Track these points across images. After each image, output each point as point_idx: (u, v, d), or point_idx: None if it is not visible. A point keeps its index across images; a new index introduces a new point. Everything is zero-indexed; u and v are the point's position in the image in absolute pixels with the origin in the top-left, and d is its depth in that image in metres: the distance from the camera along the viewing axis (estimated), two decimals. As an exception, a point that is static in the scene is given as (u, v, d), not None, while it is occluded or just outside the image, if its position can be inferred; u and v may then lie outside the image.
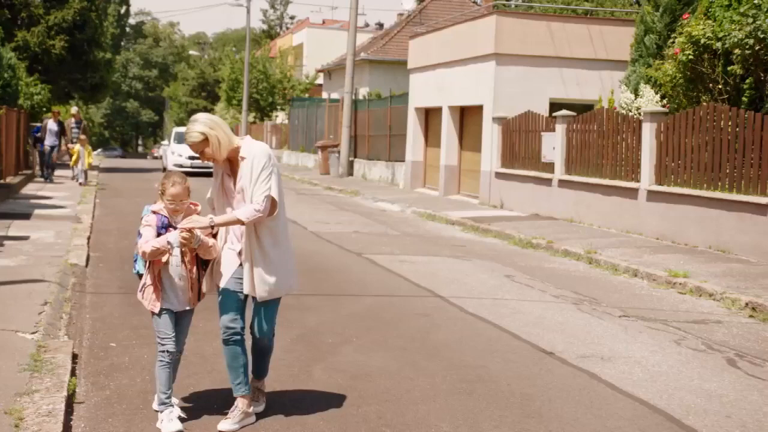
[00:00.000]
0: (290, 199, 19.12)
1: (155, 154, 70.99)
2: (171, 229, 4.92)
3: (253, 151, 4.91)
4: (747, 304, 9.03)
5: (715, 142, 12.70)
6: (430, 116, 24.51)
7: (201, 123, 4.88)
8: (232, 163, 5.00)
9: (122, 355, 6.47)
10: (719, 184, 12.63)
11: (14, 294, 7.92)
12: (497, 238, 14.56)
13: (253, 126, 49.96)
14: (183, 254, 4.94)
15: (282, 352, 6.44)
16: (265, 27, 78.31)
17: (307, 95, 46.76)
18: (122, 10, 71.41)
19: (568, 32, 19.78)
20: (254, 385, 5.24)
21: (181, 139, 28.49)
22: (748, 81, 13.36)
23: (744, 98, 13.46)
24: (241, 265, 4.99)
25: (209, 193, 5.13)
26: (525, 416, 5.36)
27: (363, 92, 34.52)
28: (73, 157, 23.14)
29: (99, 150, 65.62)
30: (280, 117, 51.08)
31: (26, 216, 14.20)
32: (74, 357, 6.12)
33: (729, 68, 13.37)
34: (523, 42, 19.60)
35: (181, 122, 71.12)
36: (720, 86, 13.73)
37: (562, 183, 16.69)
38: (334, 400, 5.53)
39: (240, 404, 5.04)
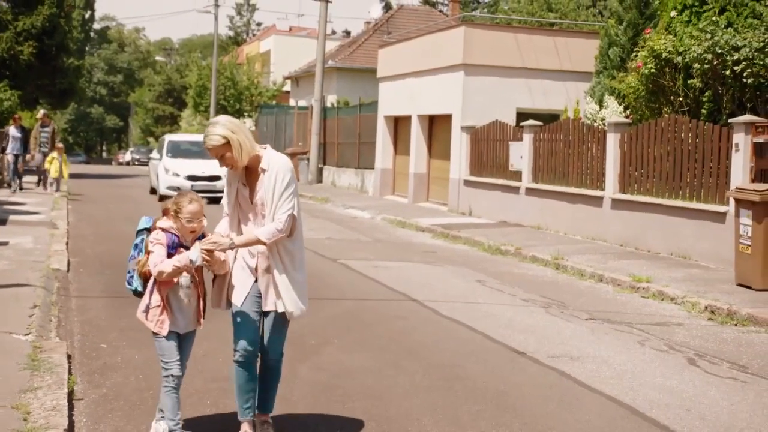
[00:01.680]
0: (262, 206, 19.43)
1: (120, 160, 70.65)
2: (181, 249, 4.66)
3: (277, 164, 4.69)
4: (706, 307, 9.49)
5: (677, 153, 13.21)
6: (399, 124, 24.91)
7: (221, 126, 4.62)
8: (249, 172, 4.75)
9: (114, 356, 6.74)
10: (680, 192, 13.13)
11: (2, 297, 8.12)
12: (467, 245, 14.95)
13: (221, 132, 49.92)
14: (194, 274, 4.70)
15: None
16: (231, 34, 78.31)
17: (274, 102, 46.97)
18: (87, 15, 70.98)
19: (535, 44, 20.30)
20: (260, 419, 4.99)
21: (176, 151, 22.95)
22: (707, 94, 13.90)
23: (703, 110, 14.00)
24: (256, 281, 4.79)
25: (223, 200, 4.91)
26: (501, 411, 5.72)
27: (331, 100, 34.82)
28: (52, 167, 21.65)
29: (63, 155, 65.02)
30: (248, 124, 51.19)
31: (2, 222, 14.31)
32: (68, 357, 6.36)
33: (689, 81, 13.89)
34: (491, 53, 20.07)
35: (147, 128, 70.89)
36: (681, 99, 14.25)
37: (530, 191, 17.15)
38: (321, 397, 5.85)
39: (246, 428, 4.91)
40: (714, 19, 13.57)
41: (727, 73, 12.93)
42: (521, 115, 19.57)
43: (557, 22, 30.42)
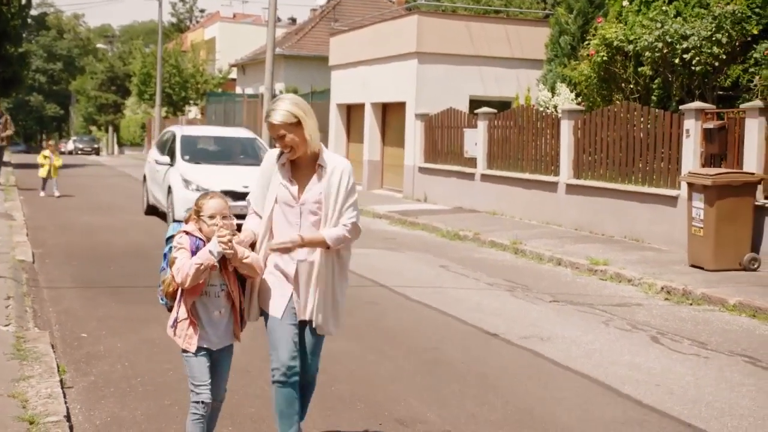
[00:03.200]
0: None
1: (62, 150, 69.41)
2: None
3: (342, 163, 4.21)
4: (662, 288, 9.86)
5: (629, 139, 13.58)
6: (352, 112, 25.03)
7: (292, 103, 4.12)
8: (297, 167, 4.23)
9: (96, 345, 6.80)
10: (633, 177, 13.52)
11: (-27, 289, 8.09)
12: (425, 231, 15.17)
13: (167, 121, 49.45)
14: (224, 277, 4.13)
15: (250, 340, 6.84)
16: (174, 20, 77.28)
17: (220, 90, 46.66)
18: (23, 1, 69.52)
19: (487, 32, 20.59)
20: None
21: (194, 152, 15.33)
22: (656, 81, 14.34)
23: (653, 97, 14.45)
24: (295, 290, 4.24)
25: (251, 195, 4.38)
26: (483, 390, 5.94)
27: (279, 87, 34.71)
28: (44, 168, 19.68)
29: None
30: (193, 112, 50.77)
31: (-44, 213, 14.12)
32: (52, 347, 6.40)
33: (639, 69, 14.31)
34: (444, 41, 20.31)
35: (89, 117, 69.72)
36: (631, 86, 14.67)
37: (485, 177, 17.44)
38: (307, 380, 6.00)
39: None
40: (663, 8, 13.96)
41: (677, 61, 13.33)
42: (474, 103, 19.86)
43: (503, 9, 30.75)
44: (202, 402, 4.12)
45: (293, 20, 57.59)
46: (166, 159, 15.09)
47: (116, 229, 14.00)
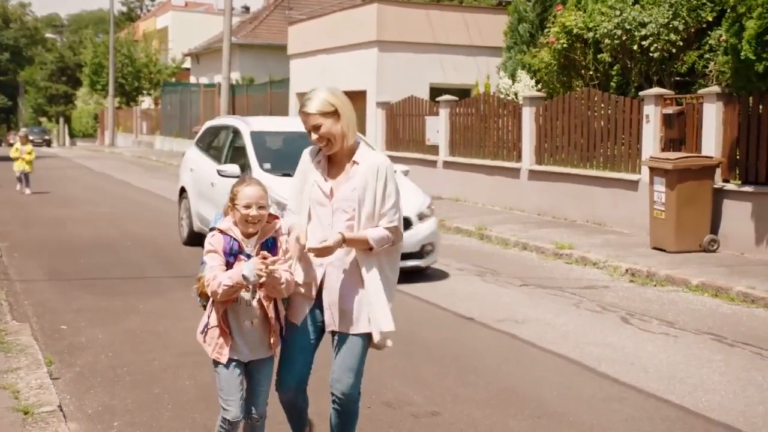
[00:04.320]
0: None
1: (11, 141, 68.14)
2: (241, 257, 3.75)
3: (377, 160, 3.87)
4: (627, 270, 10.11)
5: (590, 124, 13.83)
6: (311, 101, 25.02)
7: (329, 92, 3.83)
8: (333, 164, 3.93)
9: (77, 336, 6.81)
10: (594, 162, 13.77)
11: (-55, 284, 8.03)
12: (390, 218, 15.27)
13: (120, 111, 48.90)
14: (256, 288, 3.78)
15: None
16: (124, 9, 76.34)
17: (174, 79, 46.24)
18: (-32, -10, 67.97)
19: (446, 20, 20.76)
20: None
21: (272, 158, 10.88)
22: (615, 68, 14.60)
23: (612, 83, 14.71)
24: (317, 297, 3.92)
25: (288, 200, 4.09)
26: (463, 372, 6.09)
27: (234, 77, 34.56)
28: (18, 162, 18.99)
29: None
30: (147, 102, 50.23)
31: None
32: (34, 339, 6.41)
33: (599, 56, 14.55)
34: (404, 29, 20.43)
35: (39, 108, 68.54)
36: (591, 72, 14.91)
37: (447, 164, 17.60)
38: (292, 366, 6.08)
39: None
40: (622, -4, 14.20)
41: (635, 47, 13.59)
42: (434, 90, 20.02)
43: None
44: (229, 420, 3.82)
45: (246, 9, 57.17)
46: (235, 169, 10.38)
47: (81, 222, 13.89)
